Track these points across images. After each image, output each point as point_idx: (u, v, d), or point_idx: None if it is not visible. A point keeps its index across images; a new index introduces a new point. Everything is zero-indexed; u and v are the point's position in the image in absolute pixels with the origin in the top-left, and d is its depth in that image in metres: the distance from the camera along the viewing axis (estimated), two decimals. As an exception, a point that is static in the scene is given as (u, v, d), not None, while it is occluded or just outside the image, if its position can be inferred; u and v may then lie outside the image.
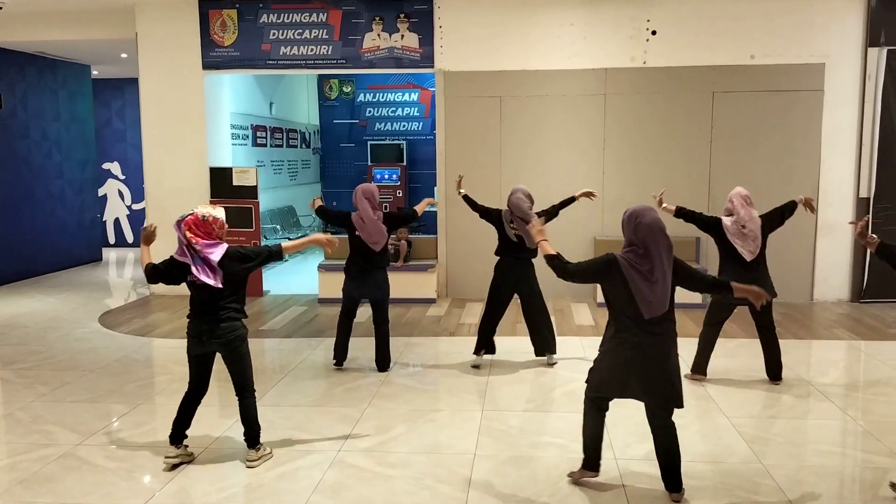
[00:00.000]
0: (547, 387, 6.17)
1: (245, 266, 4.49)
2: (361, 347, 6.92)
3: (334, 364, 6.61)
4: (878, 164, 9.15)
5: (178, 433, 4.59)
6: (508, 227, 6.40)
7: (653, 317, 3.86)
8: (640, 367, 3.93)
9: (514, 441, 4.99)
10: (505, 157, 9.65)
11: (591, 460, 4.28)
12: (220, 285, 4.37)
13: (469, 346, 7.10)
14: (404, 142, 15.27)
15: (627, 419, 5.35)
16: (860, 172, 9.25)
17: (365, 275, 6.38)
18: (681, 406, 4.02)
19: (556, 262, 4.04)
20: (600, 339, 4.17)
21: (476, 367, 6.63)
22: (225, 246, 4.45)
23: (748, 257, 5.80)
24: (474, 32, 9.47)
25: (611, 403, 4.25)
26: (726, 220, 5.88)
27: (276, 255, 4.57)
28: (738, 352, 7.04)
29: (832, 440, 5.07)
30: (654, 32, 9.26)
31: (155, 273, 4.50)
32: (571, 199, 6.67)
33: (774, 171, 9.26)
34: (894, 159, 9.15)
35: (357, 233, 6.28)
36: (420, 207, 6.58)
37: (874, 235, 4.47)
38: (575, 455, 4.62)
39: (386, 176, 14.86)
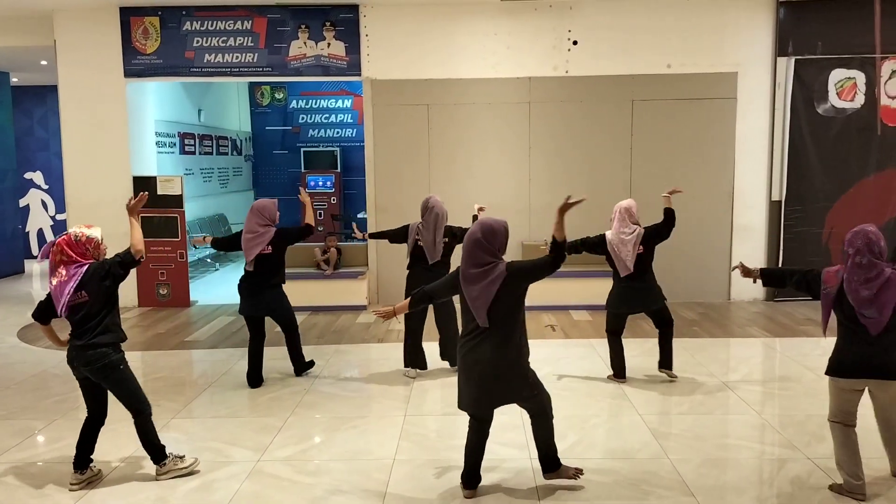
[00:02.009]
0: (470, 390, 6.28)
1: (105, 283, 4.30)
2: (286, 356, 6.89)
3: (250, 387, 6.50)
4: (788, 168, 9.59)
5: (82, 458, 4.49)
6: (413, 239, 6.45)
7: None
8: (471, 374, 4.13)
9: (433, 445, 5.08)
10: (433, 164, 9.76)
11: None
12: (87, 298, 4.25)
13: (395, 351, 7.18)
14: (338, 148, 15.27)
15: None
16: (772, 176, 9.68)
17: (255, 295, 6.25)
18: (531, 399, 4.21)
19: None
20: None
21: (411, 377, 6.65)
22: (88, 264, 4.31)
23: (624, 271, 6.03)
24: (400, 41, 9.56)
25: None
26: (608, 235, 6.12)
27: (128, 260, 4.34)
28: (654, 351, 7.25)
29: (736, 434, 5.31)
30: (575, 42, 9.51)
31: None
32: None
33: (691, 176, 9.60)
34: (803, 164, 9.60)
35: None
36: (309, 217, 6.34)
37: (754, 270, 4.69)
38: (492, 455, 4.74)
39: (320, 183, 14.83)
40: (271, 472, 4.64)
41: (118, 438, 5.08)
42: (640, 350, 7.14)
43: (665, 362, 6.36)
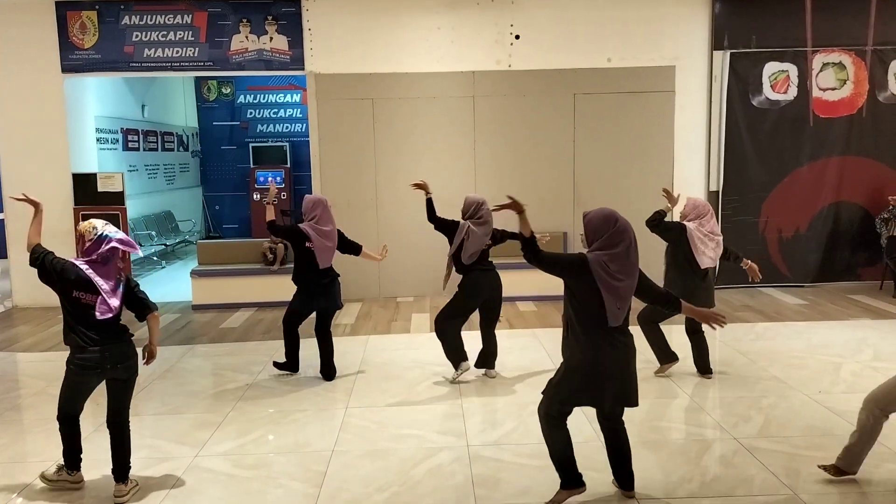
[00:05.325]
0: (413, 381, 6.33)
1: None
2: (230, 353, 6.90)
3: (288, 373, 6.55)
4: (724, 159, 9.86)
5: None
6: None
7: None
8: (611, 373, 4.06)
9: (373, 436, 5.13)
10: (379, 158, 9.79)
11: (570, 477, 4.21)
12: None
13: (340, 345, 7.21)
14: (287, 143, 15.18)
15: (484, 406, 5.63)
16: (710, 167, 9.94)
17: (327, 288, 6.32)
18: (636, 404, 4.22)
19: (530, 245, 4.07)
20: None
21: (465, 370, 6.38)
22: None
23: (708, 263, 6.04)
24: (344, 35, 9.56)
25: (465, 390, 4.45)
26: (690, 226, 6.15)
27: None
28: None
29: (668, 417, 5.49)
30: (517, 37, 9.62)
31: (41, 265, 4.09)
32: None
33: (633, 167, 9.82)
34: (739, 155, 9.88)
35: (308, 245, 6.14)
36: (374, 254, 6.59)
37: None
38: (430, 443, 4.85)
39: (269, 178, 14.72)
40: (208, 466, 4.64)
41: (53, 436, 5.02)
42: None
43: (703, 367, 6.42)
